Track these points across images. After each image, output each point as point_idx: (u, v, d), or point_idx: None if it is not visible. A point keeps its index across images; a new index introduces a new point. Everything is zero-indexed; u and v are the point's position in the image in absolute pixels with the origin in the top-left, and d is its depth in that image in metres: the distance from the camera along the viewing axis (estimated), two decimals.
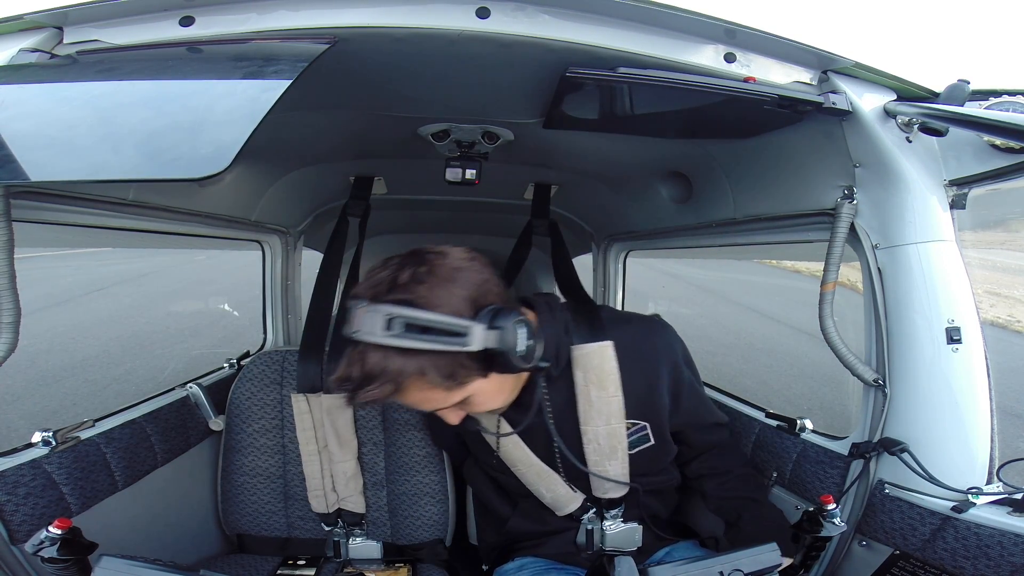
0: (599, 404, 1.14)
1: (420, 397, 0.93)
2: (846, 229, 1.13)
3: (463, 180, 1.53)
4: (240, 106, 0.74)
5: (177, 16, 0.93)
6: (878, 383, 1.12)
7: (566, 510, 1.25)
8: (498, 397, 1.03)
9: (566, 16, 0.94)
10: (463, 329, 0.85)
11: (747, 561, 0.83)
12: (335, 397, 1.44)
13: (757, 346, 7.34)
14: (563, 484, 1.23)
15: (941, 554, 0.99)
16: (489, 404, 1.02)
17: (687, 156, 1.54)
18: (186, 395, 1.55)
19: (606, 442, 1.16)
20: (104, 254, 11.54)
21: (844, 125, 1.07)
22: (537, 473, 1.22)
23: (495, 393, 1.01)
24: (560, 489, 1.23)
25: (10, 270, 0.94)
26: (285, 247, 2.02)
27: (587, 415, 1.15)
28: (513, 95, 1.21)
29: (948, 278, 1.04)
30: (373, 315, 0.83)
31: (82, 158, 0.70)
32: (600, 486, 1.22)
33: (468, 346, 0.85)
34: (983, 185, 1.04)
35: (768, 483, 1.35)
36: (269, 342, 2.03)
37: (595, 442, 1.16)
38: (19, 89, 0.85)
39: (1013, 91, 0.97)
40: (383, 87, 1.17)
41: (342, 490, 1.47)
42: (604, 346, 1.14)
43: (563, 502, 1.24)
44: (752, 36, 0.99)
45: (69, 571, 0.82)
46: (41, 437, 1.10)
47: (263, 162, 1.61)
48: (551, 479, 1.22)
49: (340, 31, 0.91)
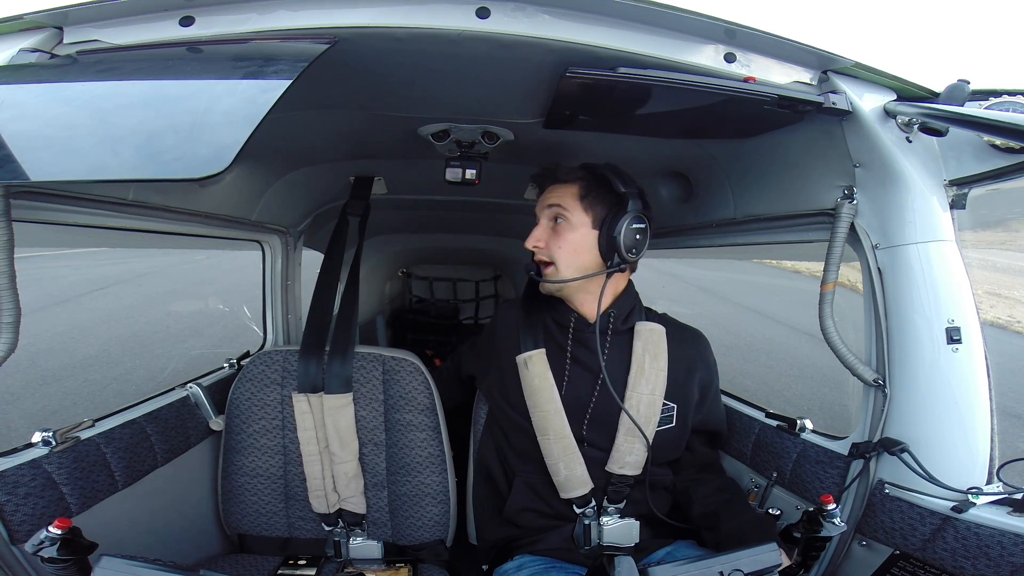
0: (650, 373, 1.25)
1: (562, 192, 1.26)
2: (846, 229, 1.13)
3: (463, 180, 1.54)
4: (240, 106, 0.74)
5: (177, 16, 0.93)
6: (878, 383, 1.12)
7: (573, 493, 1.26)
8: (576, 257, 1.24)
9: (566, 16, 0.94)
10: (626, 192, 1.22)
11: (747, 561, 0.83)
12: (336, 397, 1.44)
13: (757, 346, 7.34)
14: (582, 464, 1.25)
15: (941, 554, 0.99)
16: (567, 251, 1.24)
17: (687, 156, 1.54)
18: (186, 395, 1.55)
19: (645, 410, 1.24)
20: (104, 254, 11.54)
21: (844, 125, 1.07)
22: (564, 447, 1.24)
23: (578, 249, 1.24)
24: (578, 469, 1.25)
25: (10, 270, 0.94)
26: (285, 247, 2.02)
27: (636, 380, 1.25)
28: (513, 95, 1.21)
29: (948, 278, 1.04)
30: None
31: (82, 158, 0.70)
32: (620, 458, 1.24)
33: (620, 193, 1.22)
34: (983, 185, 1.04)
35: (768, 483, 1.35)
36: (269, 342, 2.03)
37: (636, 408, 1.24)
38: (19, 89, 0.85)
39: (1013, 91, 0.97)
40: (383, 87, 1.17)
41: (343, 490, 1.47)
42: (660, 329, 1.30)
43: (575, 483, 1.25)
44: (752, 36, 0.99)
45: (69, 571, 0.82)
46: (41, 437, 1.10)
47: (263, 162, 1.61)
48: (574, 456, 1.24)
49: (340, 31, 0.91)
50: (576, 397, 1.27)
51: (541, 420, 1.25)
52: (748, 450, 1.43)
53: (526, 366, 1.28)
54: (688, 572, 0.81)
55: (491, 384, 1.41)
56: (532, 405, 1.27)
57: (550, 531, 1.30)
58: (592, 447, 1.26)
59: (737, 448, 1.46)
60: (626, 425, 1.23)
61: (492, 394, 1.41)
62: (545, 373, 1.26)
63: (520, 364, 1.29)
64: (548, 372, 1.27)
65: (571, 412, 1.26)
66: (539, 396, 1.26)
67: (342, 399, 1.45)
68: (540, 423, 1.25)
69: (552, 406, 1.25)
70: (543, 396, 1.25)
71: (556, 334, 1.32)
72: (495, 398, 1.40)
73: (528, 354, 1.28)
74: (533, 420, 1.27)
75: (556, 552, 1.30)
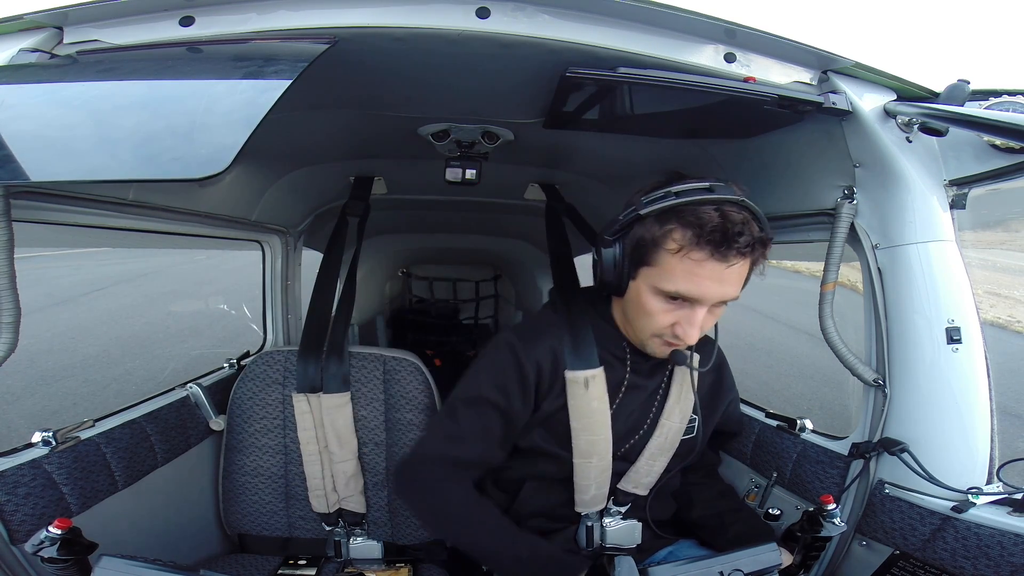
0: (684, 402, 1.21)
1: (742, 273, 1.01)
2: (846, 229, 1.13)
3: (463, 180, 1.54)
4: (240, 106, 0.74)
5: (177, 16, 0.93)
6: (878, 383, 1.12)
7: (594, 508, 1.23)
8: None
9: (566, 16, 0.94)
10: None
11: (747, 561, 0.83)
12: (334, 396, 1.44)
13: (757, 346, 7.33)
14: (609, 482, 1.20)
15: (941, 554, 0.99)
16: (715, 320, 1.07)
17: (687, 156, 1.54)
18: (186, 395, 1.55)
19: (672, 438, 1.21)
20: (104, 254, 11.53)
21: (844, 125, 1.07)
22: (601, 469, 1.16)
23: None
24: (605, 488, 1.20)
25: (10, 270, 0.94)
26: (285, 247, 2.02)
27: (672, 410, 1.21)
28: (513, 95, 1.21)
29: (948, 278, 1.04)
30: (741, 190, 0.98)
31: (82, 158, 0.70)
32: (637, 479, 1.23)
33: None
34: (983, 185, 1.04)
35: (768, 483, 1.35)
36: (269, 342, 2.03)
37: (665, 436, 1.21)
38: (19, 89, 0.85)
39: (1013, 91, 0.97)
40: (383, 87, 1.17)
41: (343, 490, 1.47)
42: (696, 357, 1.21)
43: (600, 500, 1.22)
44: (752, 36, 0.99)
45: (69, 571, 0.82)
46: (41, 437, 1.10)
47: (263, 162, 1.61)
48: (606, 477, 1.18)
49: (340, 31, 0.91)
50: (623, 423, 1.18)
51: (587, 445, 1.14)
52: (748, 450, 1.43)
53: (585, 386, 1.11)
54: (688, 572, 0.82)
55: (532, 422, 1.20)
56: (581, 428, 1.13)
57: (552, 533, 1.30)
58: (620, 460, 1.22)
59: (737, 448, 1.46)
60: (652, 450, 1.20)
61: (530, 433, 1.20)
62: (604, 395, 1.13)
63: (575, 383, 1.12)
64: (606, 394, 1.13)
65: (616, 438, 1.17)
66: (592, 419, 1.13)
67: (340, 398, 1.45)
68: (585, 448, 1.14)
69: (604, 433, 1.14)
70: (597, 420, 1.13)
71: (610, 357, 1.17)
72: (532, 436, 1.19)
73: (589, 372, 1.12)
74: (576, 444, 1.14)
75: None
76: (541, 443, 1.17)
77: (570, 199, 1.80)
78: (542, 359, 1.13)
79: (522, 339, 1.16)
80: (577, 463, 1.16)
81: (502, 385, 1.13)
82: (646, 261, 1.02)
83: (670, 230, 0.97)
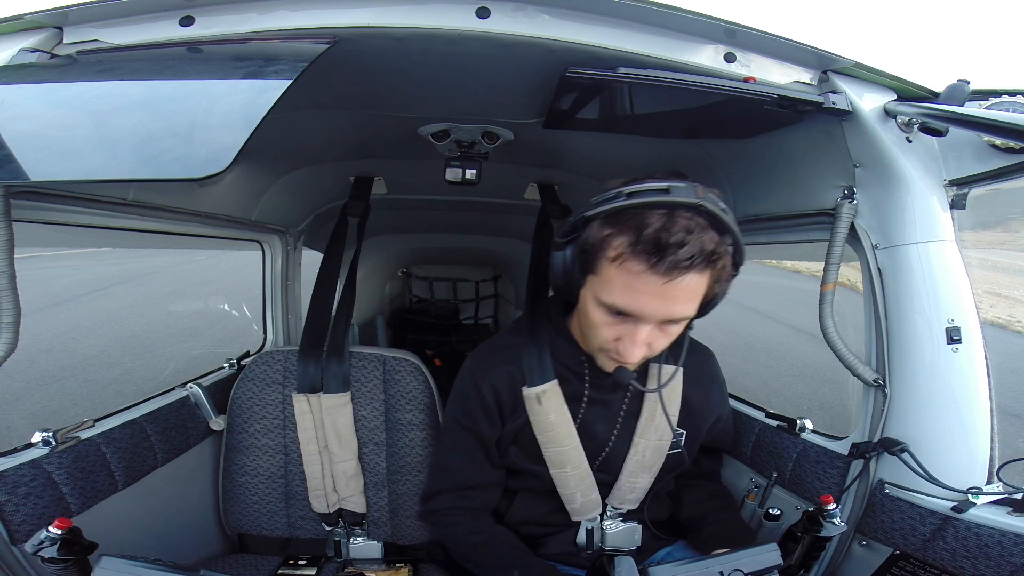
0: (660, 421, 1.16)
1: (694, 290, 0.87)
2: (846, 229, 1.13)
3: (463, 180, 1.54)
4: (240, 106, 0.74)
5: (177, 16, 0.93)
6: (878, 383, 1.12)
7: (588, 515, 1.23)
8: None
9: (566, 16, 0.94)
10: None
11: (747, 561, 0.83)
12: (334, 396, 1.44)
13: (757, 346, 7.33)
14: (596, 488, 1.20)
15: (941, 554, 0.99)
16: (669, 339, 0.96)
17: (687, 156, 1.54)
18: (186, 395, 1.55)
19: (651, 456, 1.19)
20: (104, 254, 11.54)
21: (844, 125, 1.07)
22: (580, 477, 1.17)
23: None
24: (593, 494, 1.21)
25: (10, 270, 0.94)
26: (285, 247, 2.02)
27: (646, 428, 1.18)
28: (513, 95, 1.21)
29: (948, 278, 1.04)
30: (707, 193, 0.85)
31: (82, 158, 0.70)
32: (621, 496, 1.22)
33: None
34: (983, 185, 1.04)
35: (768, 483, 1.35)
36: (269, 342, 2.03)
37: (642, 454, 1.19)
38: (19, 89, 0.85)
39: (1013, 91, 0.97)
40: (383, 87, 1.17)
41: (343, 490, 1.47)
42: (678, 371, 1.14)
43: (591, 507, 1.23)
44: (752, 36, 0.99)
45: (69, 571, 0.82)
46: (41, 437, 1.10)
47: (263, 162, 1.61)
48: (590, 483, 1.19)
49: (340, 31, 0.91)
50: (591, 437, 1.17)
51: (558, 455, 1.15)
52: (748, 450, 1.43)
53: (538, 401, 1.12)
54: (688, 572, 0.82)
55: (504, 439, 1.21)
56: (547, 441, 1.14)
57: (551, 536, 1.30)
58: (600, 472, 1.23)
59: (737, 448, 1.46)
60: (631, 468, 1.19)
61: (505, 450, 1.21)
62: (562, 408, 1.13)
63: (528, 399, 1.13)
64: (564, 406, 1.13)
65: (587, 451, 1.18)
66: (555, 432, 1.13)
67: (340, 398, 1.45)
68: (556, 458, 1.15)
69: (571, 443, 1.14)
70: (560, 432, 1.13)
71: (567, 372, 1.16)
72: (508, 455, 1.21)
73: (539, 389, 1.12)
74: (547, 456, 1.15)
75: (557, 557, 1.29)
76: (516, 460, 1.20)
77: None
78: (498, 382, 1.16)
79: (479, 364, 1.20)
80: (554, 473, 1.18)
81: (468, 411, 1.18)
82: (590, 268, 0.93)
83: (610, 235, 0.87)
